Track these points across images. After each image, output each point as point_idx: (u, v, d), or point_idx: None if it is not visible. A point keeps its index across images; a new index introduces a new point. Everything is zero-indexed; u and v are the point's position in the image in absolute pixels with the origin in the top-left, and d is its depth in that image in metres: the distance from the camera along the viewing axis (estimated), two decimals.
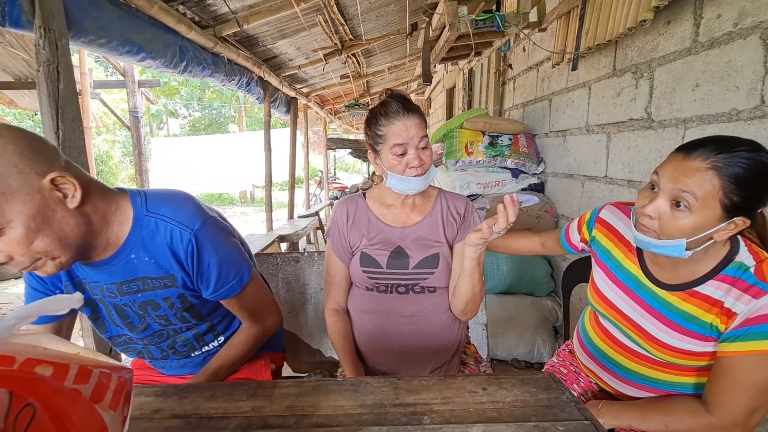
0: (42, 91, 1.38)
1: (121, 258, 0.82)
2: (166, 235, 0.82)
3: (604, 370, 0.97)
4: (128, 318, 0.89)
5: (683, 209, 0.71)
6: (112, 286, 0.85)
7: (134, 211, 0.82)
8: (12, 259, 0.69)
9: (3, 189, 0.63)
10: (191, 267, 0.85)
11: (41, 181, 0.67)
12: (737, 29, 1.19)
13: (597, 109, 1.94)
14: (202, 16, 2.50)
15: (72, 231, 0.72)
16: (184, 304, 0.90)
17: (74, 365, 0.43)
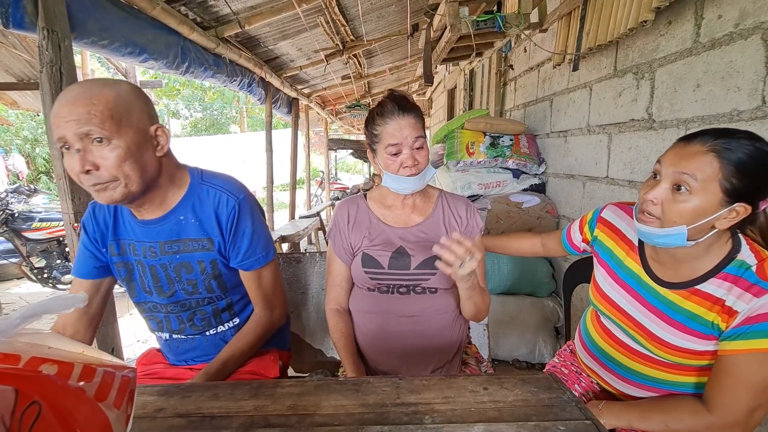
0: (45, 92, 1.39)
1: (171, 218, 0.95)
2: (214, 200, 0.96)
3: (606, 370, 0.97)
4: (159, 281, 0.98)
5: (684, 192, 0.71)
6: (155, 245, 0.96)
7: (191, 180, 0.98)
8: (97, 170, 0.81)
9: (128, 116, 0.82)
10: (228, 231, 0.96)
11: (149, 126, 0.88)
12: (738, 30, 1.19)
13: (598, 110, 1.95)
14: (204, 17, 2.51)
15: (150, 171, 0.88)
16: (215, 271, 0.99)
17: (78, 364, 0.44)
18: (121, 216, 0.99)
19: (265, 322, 1.05)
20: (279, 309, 1.09)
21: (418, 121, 1.00)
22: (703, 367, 0.81)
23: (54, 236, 3.60)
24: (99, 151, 0.80)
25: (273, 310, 1.07)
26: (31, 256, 3.54)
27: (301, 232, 4.12)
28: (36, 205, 4.28)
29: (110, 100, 0.80)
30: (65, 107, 0.78)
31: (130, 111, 0.83)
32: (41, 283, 3.59)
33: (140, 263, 0.98)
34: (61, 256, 3.62)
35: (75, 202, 1.47)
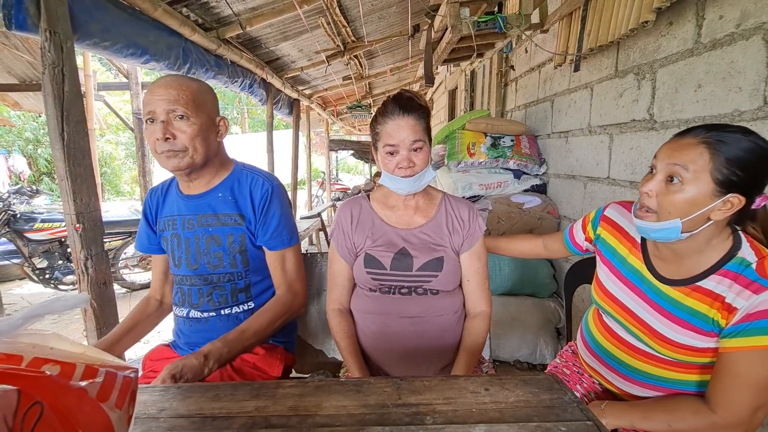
0: (47, 93, 1.40)
1: (212, 195, 1.10)
2: (251, 181, 1.11)
3: (608, 369, 0.97)
4: (190, 252, 1.10)
5: (677, 183, 0.73)
6: (194, 218, 1.10)
7: (234, 167, 1.16)
8: (174, 138, 0.99)
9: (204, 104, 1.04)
10: (260, 210, 1.09)
11: (216, 116, 1.09)
12: (739, 30, 1.19)
13: (599, 110, 1.94)
14: (205, 18, 2.52)
15: (211, 149, 1.07)
16: (241, 245, 1.10)
17: (80, 364, 0.44)
18: (170, 195, 1.16)
19: (286, 302, 1.10)
20: (300, 295, 1.15)
21: (419, 123, 0.99)
22: (705, 365, 0.81)
23: (56, 237, 3.61)
24: (179, 125, 0.99)
25: (295, 295, 1.13)
26: (33, 257, 3.55)
27: (302, 233, 4.12)
28: (38, 205, 4.29)
29: (194, 90, 1.02)
30: (161, 88, 0.98)
31: (206, 101, 1.05)
32: (43, 284, 3.60)
33: (176, 236, 1.12)
34: (63, 257, 3.63)
35: (77, 202, 1.47)
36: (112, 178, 13.86)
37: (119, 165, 14.65)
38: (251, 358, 1.08)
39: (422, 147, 1.00)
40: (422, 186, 1.05)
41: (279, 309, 1.09)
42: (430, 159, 1.06)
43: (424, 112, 1.01)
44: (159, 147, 1.00)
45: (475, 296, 1.09)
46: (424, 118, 1.01)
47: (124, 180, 14.64)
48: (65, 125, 1.42)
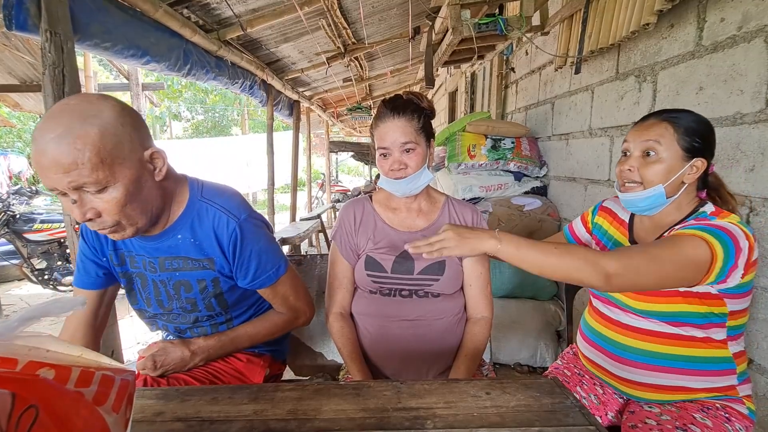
0: (48, 94, 1.39)
1: (170, 236, 0.91)
2: (214, 220, 0.90)
3: (605, 354, 1.00)
4: (160, 295, 0.96)
5: (653, 156, 0.88)
6: (155, 261, 0.93)
7: (190, 195, 0.92)
8: (99, 216, 0.76)
9: (119, 154, 0.73)
10: (232, 254, 0.92)
11: (143, 153, 0.79)
12: (741, 33, 1.19)
13: (600, 113, 1.94)
14: (206, 20, 2.52)
15: (153, 201, 0.83)
16: (216, 289, 0.96)
17: (76, 368, 0.43)
18: None
19: (289, 320, 1.05)
20: (304, 313, 1.07)
21: (410, 124, 0.97)
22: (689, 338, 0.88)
23: (55, 238, 3.60)
24: (97, 199, 0.74)
25: (297, 313, 1.06)
26: (32, 258, 3.54)
27: (302, 234, 4.11)
28: (37, 206, 4.28)
29: (96, 142, 0.70)
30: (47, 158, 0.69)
31: (119, 145, 0.74)
32: (42, 285, 3.59)
33: (141, 276, 0.97)
34: (62, 258, 3.62)
35: None
36: None
37: None
38: (234, 362, 1.05)
39: (414, 148, 0.98)
40: (418, 188, 1.03)
41: (280, 323, 1.04)
42: (429, 160, 1.04)
43: (420, 112, 0.99)
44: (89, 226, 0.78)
45: (476, 301, 1.08)
46: (419, 119, 0.99)
47: None
48: None
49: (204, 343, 0.95)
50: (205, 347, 0.95)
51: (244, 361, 1.06)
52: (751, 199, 1.17)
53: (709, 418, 0.86)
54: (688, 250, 0.79)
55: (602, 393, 1.04)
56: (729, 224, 0.82)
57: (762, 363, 1.14)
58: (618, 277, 0.78)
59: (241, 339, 1.00)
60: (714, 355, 0.89)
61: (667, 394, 0.93)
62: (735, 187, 1.22)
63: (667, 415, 0.89)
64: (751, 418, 0.91)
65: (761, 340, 1.14)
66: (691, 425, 0.84)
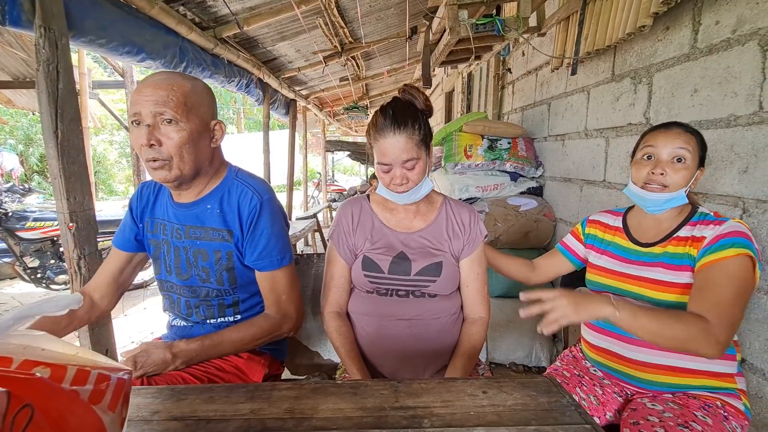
0: (41, 91, 1.38)
1: (200, 206, 1.02)
2: (240, 195, 1.01)
3: (615, 337, 1.03)
4: (180, 262, 1.03)
5: (683, 162, 0.96)
6: (182, 228, 1.03)
7: (227, 174, 1.06)
8: (161, 146, 0.90)
9: (197, 107, 0.94)
10: (248, 227, 1.00)
11: (211, 120, 0.99)
12: (735, 36, 1.20)
13: (596, 114, 1.95)
14: (202, 17, 2.51)
15: (202, 158, 0.97)
16: (228, 263, 1.02)
17: (72, 367, 0.43)
18: (162, 196, 1.08)
19: (275, 323, 1.04)
20: (292, 319, 1.06)
21: (411, 139, 0.95)
22: None
23: (48, 236, 3.56)
24: (166, 130, 0.90)
25: (285, 317, 1.05)
26: (25, 256, 3.50)
27: (297, 234, 4.10)
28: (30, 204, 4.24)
29: (187, 90, 0.92)
30: (148, 88, 0.89)
31: (200, 103, 0.94)
32: (34, 284, 3.55)
33: (167, 243, 1.05)
34: (55, 256, 3.59)
35: (70, 201, 1.46)
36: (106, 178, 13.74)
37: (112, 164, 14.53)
38: (235, 360, 1.05)
39: (416, 163, 0.97)
40: (419, 197, 1.03)
41: (266, 327, 1.03)
42: (429, 168, 1.04)
43: (420, 120, 0.97)
44: (144, 153, 0.91)
45: (473, 301, 1.08)
46: (419, 130, 0.96)
47: (118, 179, 14.51)
48: (59, 123, 1.41)
49: (186, 346, 0.94)
50: (186, 351, 0.94)
51: (245, 359, 1.06)
52: (744, 200, 1.18)
53: (710, 416, 0.89)
54: (742, 274, 0.86)
55: (601, 393, 1.05)
56: (738, 224, 0.91)
57: (754, 362, 1.16)
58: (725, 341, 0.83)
59: (225, 344, 0.99)
60: None
61: (673, 376, 0.96)
62: (728, 189, 1.23)
63: (669, 412, 0.90)
64: (747, 415, 0.92)
65: (753, 340, 1.16)
66: (692, 422, 0.86)
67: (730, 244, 0.88)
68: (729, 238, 0.89)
